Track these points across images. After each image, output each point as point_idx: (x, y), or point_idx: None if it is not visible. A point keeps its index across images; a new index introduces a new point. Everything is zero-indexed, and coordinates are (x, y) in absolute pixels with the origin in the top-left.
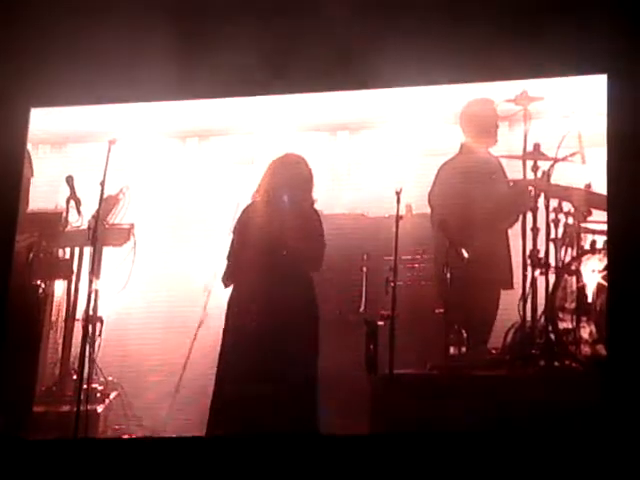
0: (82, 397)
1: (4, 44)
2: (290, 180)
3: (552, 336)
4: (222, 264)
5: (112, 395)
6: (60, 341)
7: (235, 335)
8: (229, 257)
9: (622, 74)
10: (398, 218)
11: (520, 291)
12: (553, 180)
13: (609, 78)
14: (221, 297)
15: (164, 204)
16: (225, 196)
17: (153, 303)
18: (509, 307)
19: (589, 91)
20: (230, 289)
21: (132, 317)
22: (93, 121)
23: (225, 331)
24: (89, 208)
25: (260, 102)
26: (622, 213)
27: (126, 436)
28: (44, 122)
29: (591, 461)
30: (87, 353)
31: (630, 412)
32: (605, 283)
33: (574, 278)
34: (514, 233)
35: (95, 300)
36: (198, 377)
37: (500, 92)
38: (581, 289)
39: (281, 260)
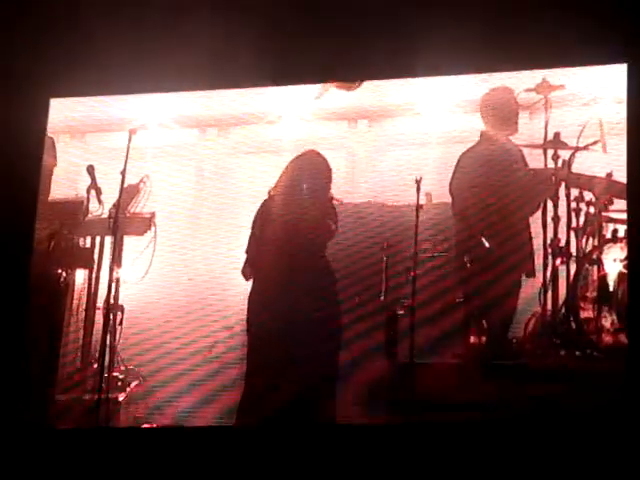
0: (103, 385)
1: (24, 35)
2: (310, 172)
3: (573, 325)
4: (242, 254)
5: (133, 384)
6: (81, 330)
7: (258, 329)
8: (248, 251)
9: None
10: (418, 207)
11: (541, 280)
12: (574, 169)
13: (629, 67)
14: (242, 288)
15: (184, 193)
16: (245, 186)
17: (174, 292)
18: (530, 296)
19: (611, 79)
20: (250, 282)
21: (153, 306)
22: (113, 111)
23: (248, 324)
24: (110, 197)
25: (279, 92)
26: None
27: (147, 425)
28: (64, 112)
29: (613, 450)
30: (108, 342)
31: None
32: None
33: (595, 267)
34: (534, 222)
35: (116, 289)
36: (220, 366)
37: (520, 81)
38: (602, 278)
39: (300, 251)
